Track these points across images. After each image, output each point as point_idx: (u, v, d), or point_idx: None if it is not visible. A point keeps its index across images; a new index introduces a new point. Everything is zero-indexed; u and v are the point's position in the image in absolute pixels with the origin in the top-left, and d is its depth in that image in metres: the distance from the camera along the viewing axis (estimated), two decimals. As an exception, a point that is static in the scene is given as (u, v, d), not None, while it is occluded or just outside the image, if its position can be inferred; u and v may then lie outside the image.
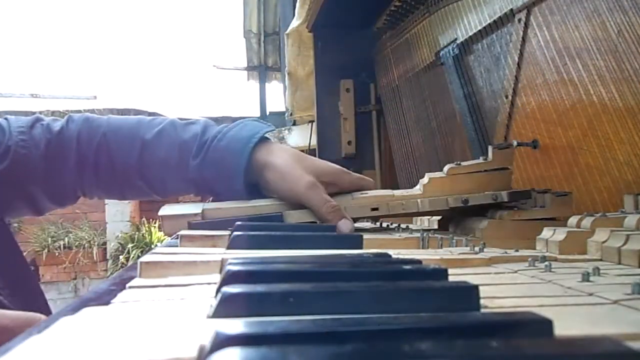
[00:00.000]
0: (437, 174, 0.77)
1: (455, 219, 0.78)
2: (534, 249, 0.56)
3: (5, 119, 0.79)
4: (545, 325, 0.20)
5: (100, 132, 0.78)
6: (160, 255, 0.43)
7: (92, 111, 4.97)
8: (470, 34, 1.21)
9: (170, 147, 0.77)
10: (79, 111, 5.00)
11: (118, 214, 5.49)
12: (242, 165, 0.73)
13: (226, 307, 0.24)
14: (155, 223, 5.33)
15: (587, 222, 0.54)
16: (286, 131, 3.89)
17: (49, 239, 5.28)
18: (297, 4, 2.00)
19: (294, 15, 2.09)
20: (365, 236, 0.56)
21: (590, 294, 0.31)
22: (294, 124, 3.58)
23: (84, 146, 0.78)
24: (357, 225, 0.95)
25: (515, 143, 0.98)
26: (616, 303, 0.28)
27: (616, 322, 0.25)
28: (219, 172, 0.74)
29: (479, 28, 1.18)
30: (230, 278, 0.29)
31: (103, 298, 0.33)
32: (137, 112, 4.99)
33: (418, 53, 1.49)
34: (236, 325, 0.18)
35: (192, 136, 0.78)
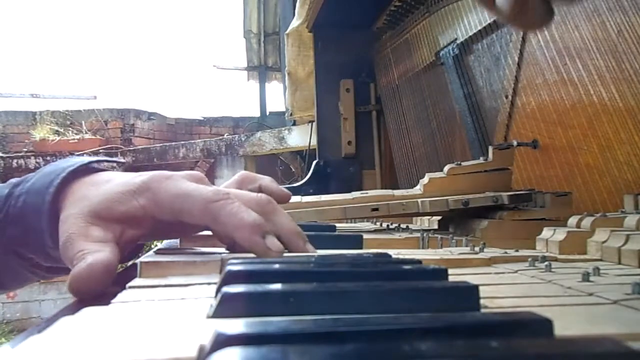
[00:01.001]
0: (437, 174, 0.77)
1: (456, 219, 0.78)
2: (534, 249, 0.56)
3: None
4: (545, 325, 0.20)
5: None
6: (160, 255, 0.43)
7: (92, 111, 4.96)
8: (470, 34, 1.21)
9: None
10: (79, 111, 5.00)
11: (118, 214, 5.49)
12: (43, 216, 0.50)
13: (226, 307, 0.24)
14: (155, 223, 5.32)
15: (587, 222, 0.54)
16: (286, 131, 3.89)
17: (49, 239, 5.27)
18: (297, 4, 2.00)
19: (294, 15, 2.08)
20: (365, 236, 0.57)
21: (590, 294, 0.31)
22: (294, 124, 3.58)
23: None
24: (357, 225, 0.95)
25: (515, 143, 0.98)
26: (616, 303, 0.28)
27: (616, 322, 0.25)
28: (23, 231, 0.52)
29: (479, 28, 1.18)
30: (230, 278, 0.29)
31: (103, 298, 0.33)
32: (137, 112, 4.99)
33: (418, 53, 1.49)
34: (236, 325, 0.18)
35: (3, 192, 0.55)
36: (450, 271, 0.32)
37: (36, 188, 0.52)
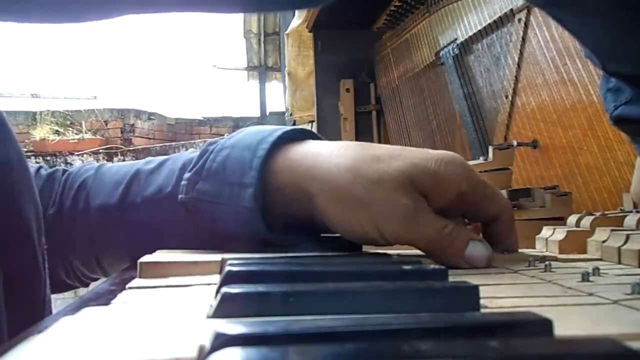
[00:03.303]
0: (437, 174, 0.77)
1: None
2: (534, 248, 0.56)
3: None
4: (545, 325, 0.20)
5: (85, 175, 0.57)
6: (160, 254, 0.43)
7: (92, 111, 4.96)
8: (470, 34, 1.21)
9: (167, 176, 0.52)
10: (79, 111, 5.00)
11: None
12: (252, 169, 0.44)
13: (226, 307, 0.24)
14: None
15: (586, 221, 0.54)
16: (286, 131, 3.89)
17: (49, 239, 5.27)
18: (297, 4, 2.00)
19: (294, 15, 2.09)
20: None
21: (590, 294, 0.31)
22: (294, 124, 3.58)
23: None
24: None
25: (515, 143, 0.98)
26: (616, 303, 0.28)
27: (616, 322, 0.25)
28: (218, 187, 0.46)
29: (479, 28, 1.18)
30: (230, 278, 0.29)
31: (103, 298, 0.33)
32: (137, 112, 4.99)
33: (418, 53, 1.49)
34: (236, 326, 0.18)
35: (194, 155, 0.51)
36: (450, 271, 0.32)
37: (245, 143, 0.47)
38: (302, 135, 0.48)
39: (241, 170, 0.45)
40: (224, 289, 0.25)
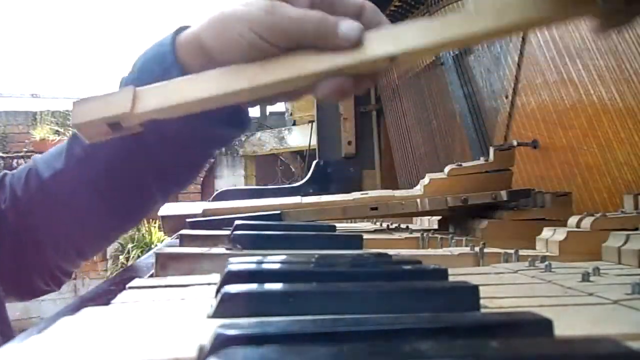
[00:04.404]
0: (438, 175, 0.77)
1: (455, 219, 0.78)
2: (534, 249, 0.56)
3: None
4: (545, 325, 0.20)
5: (28, 167, 0.61)
6: (172, 248, 0.43)
7: (92, 111, 4.95)
8: (470, 34, 1.21)
9: None
10: (79, 111, 4.98)
11: (118, 214, 5.48)
12: (167, 47, 0.51)
13: (226, 307, 0.24)
14: (155, 223, 5.32)
15: (587, 222, 0.54)
16: (286, 131, 3.89)
17: (49, 239, 5.27)
18: (297, 4, 2.00)
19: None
20: (365, 236, 0.56)
21: (591, 294, 0.31)
22: (294, 124, 3.58)
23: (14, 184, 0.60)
24: (357, 225, 0.95)
25: (515, 143, 0.98)
26: (616, 303, 0.28)
27: (616, 322, 0.25)
28: (147, 80, 0.46)
29: (479, 28, 1.18)
30: (230, 278, 0.29)
31: (103, 298, 0.33)
32: (137, 112, 4.98)
33: (418, 53, 1.49)
34: (236, 326, 0.18)
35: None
36: (450, 271, 0.32)
37: (152, 45, 0.53)
38: None
39: (161, 58, 0.51)
40: (224, 289, 0.25)
